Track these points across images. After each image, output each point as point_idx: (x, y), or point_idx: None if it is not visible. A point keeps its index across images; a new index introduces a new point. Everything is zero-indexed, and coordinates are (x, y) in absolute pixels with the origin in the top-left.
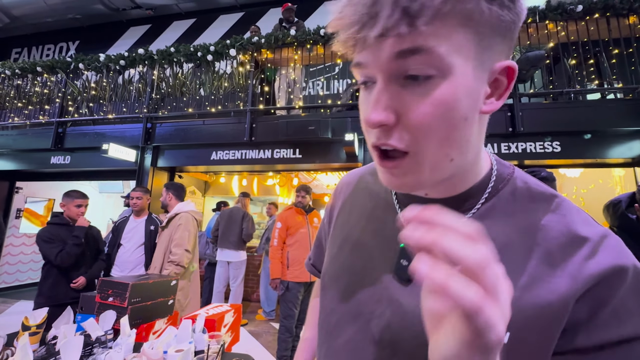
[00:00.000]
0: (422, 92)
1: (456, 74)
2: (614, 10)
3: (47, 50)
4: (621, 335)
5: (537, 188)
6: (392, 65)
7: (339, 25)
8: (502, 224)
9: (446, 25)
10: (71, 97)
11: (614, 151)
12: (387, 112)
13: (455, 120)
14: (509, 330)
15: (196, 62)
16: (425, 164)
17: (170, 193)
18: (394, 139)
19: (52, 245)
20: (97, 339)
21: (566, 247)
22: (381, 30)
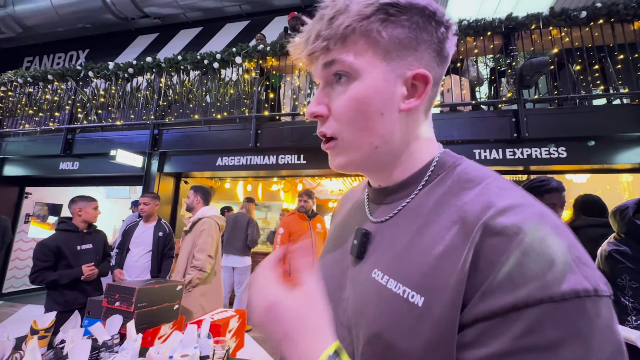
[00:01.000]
0: (342, 90)
1: (365, 77)
2: (618, 16)
3: (57, 58)
4: (516, 300)
5: (474, 172)
6: (323, 73)
7: (294, 52)
8: (432, 204)
9: (353, 44)
10: (80, 105)
11: (621, 157)
12: (320, 105)
13: (369, 114)
14: (423, 295)
15: (202, 70)
16: (352, 147)
17: (198, 196)
18: (324, 127)
19: (38, 264)
20: (104, 343)
21: (473, 213)
22: (310, 51)
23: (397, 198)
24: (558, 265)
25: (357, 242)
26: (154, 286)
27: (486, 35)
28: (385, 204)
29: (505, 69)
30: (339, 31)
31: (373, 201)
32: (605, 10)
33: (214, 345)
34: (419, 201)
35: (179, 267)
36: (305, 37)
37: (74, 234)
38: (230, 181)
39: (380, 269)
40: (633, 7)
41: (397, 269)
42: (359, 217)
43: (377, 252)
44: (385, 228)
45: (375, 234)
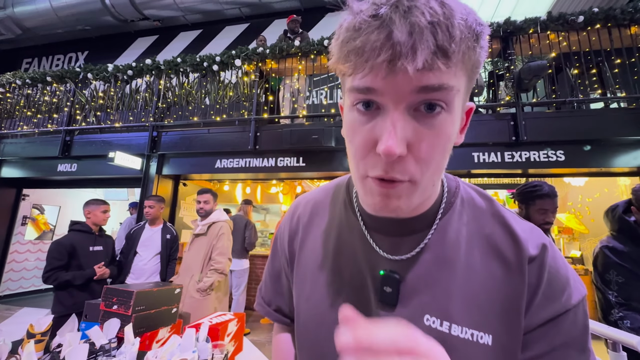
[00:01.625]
0: (432, 124)
1: (455, 111)
2: (615, 21)
3: (56, 60)
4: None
5: (477, 198)
6: (413, 97)
7: (354, 48)
8: (459, 236)
9: (454, 66)
10: (79, 106)
11: (619, 160)
12: (404, 144)
13: (447, 151)
14: (491, 333)
15: (202, 72)
16: (419, 190)
17: (215, 201)
18: (399, 172)
19: (53, 262)
20: (101, 347)
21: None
22: (422, 63)
23: (418, 230)
24: (569, 280)
25: (391, 290)
26: (152, 289)
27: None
28: (403, 236)
29: (503, 73)
30: (461, 48)
31: (382, 232)
32: (602, 15)
33: (213, 349)
34: (440, 236)
35: (193, 270)
36: (405, 36)
37: (86, 235)
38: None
39: (434, 315)
40: (630, 12)
41: (455, 312)
42: (362, 250)
43: (418, 296)
44: (414, 266)
45: (404, 275)
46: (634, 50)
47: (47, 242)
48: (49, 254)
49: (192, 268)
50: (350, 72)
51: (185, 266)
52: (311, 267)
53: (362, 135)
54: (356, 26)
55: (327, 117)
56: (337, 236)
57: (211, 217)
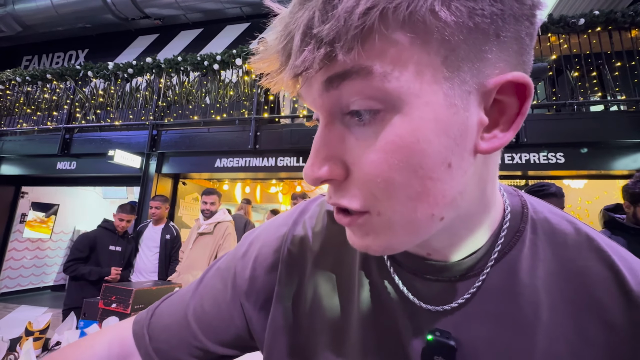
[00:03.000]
0: (370, 133)
1: (414, 104)
2: (616, 24)
3: (57, 58)
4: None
5: (556, 218)
6: (326, 99)
7: (263, 63)
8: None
9: (384, 45)
10: (79, 104)
11: (618, 163)
12: (329, 164)
13: (428, 169)
14: None
15: (202, 71)
16: (397, 226)
17: (219, 201)
18: (344, 198)
19: (75, 253)
20: None
21: (613, 297)
22: (296, 68)
23: (469, 274)
24: None
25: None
26: (151, 288)
27: None
28: (439, 281)
29: None
30: (353, 22)
31: (411, 272)
32: (603, 18)
33: None
34: (504, 277)
35: (197, 268)
36: (281, 40)
37: (110, 234)
38: (229, 183)
39: None
40: (630, 15)
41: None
42: (391, 301)
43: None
44: (466, 323)
45: (458, 337)
46: (634, 53)
47: (45, 241)
48: (74, 244)
49: (196, 266)
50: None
51: (187, 264)
52: (327, 323)
53: None
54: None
55: None
56: (360, 280)
57: (216, 217)
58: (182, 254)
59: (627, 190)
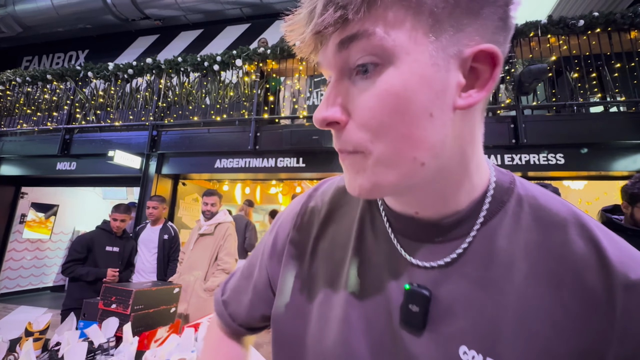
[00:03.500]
0: (369, 84)
1: (404, 60)
2: (615, 25)
3: (57, 58)
4: None
5: (544, 197)
6: (338, 59)
7: (292, 32)
8: (512, 247)
9: (384, 10)
10: (79, 105)
11: (618, 164)
12: (333, 108)
13: (413, 115)
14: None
15: (202, 72)
16: (385, 165)
17: (220, 202)
18: (342, 140)
19: (73, 254)
20: (100, 346)
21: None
22: (317, 26)
23: (452, 236)
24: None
25: (418, 310)
26: (151, 289)
27: None
28: (435, 243)
29: (504, 76)
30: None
31: (403, 234)
32: (602, 19)
33: None
34: (485, 243)
35: (200, 269)
36: (308, 8)
37: (107, 234)
38: (229, 183)
39: (474, 348)
40: (630, 17)
41: (504, 349)
42: (385, 253)
43: (454, 321)
44: (450, 280)
45: (435, 291)
46: (633, 54)
47: (45, 241)
48: (71, 246)
49: (197, 267)
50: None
51: (188, 265)
52: (327, 270)
53: None
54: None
55: None
56: (356, 238)
57: (217, 218)
58: (183, 255)
59: (626, 191)
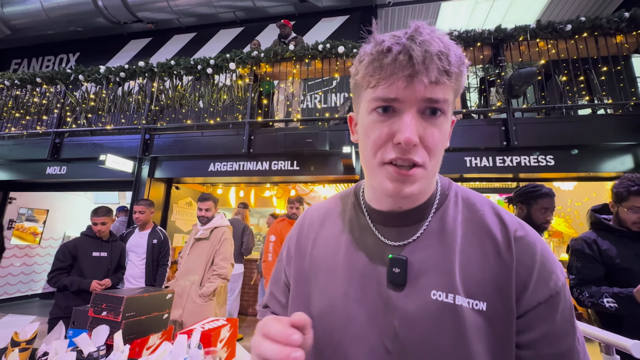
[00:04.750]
0: (435, 123)
1: (448, 117)
2: (602, 30)
3: (47, 61)
4: (550, 290)
5: (472, 196)
6: (422, 104)
7: (383, 65)
8: (455, 224)
9: (451, 84)
10: (69, 108)
11: (607, 165)
12: (416, 135)
13: (444, 147)
14: (485, 300)
15: (196, 75)
16: (429, 177)
17: (216, 207)
18: (417, 156)
19: (56, 263)
20: (90, 355)
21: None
22: (433, 78)
23: (417, 220)
24: (556, 261)
25: (399, 270)
26: (143, 295)
27: (476, 45)
28: (403, 226)
29: (494, 79)
30: (457, 70)
31: (383, 223)
32: (589, 24)
33: (205, 355)
34: (438, 222)
35: (195, 274)
36: (420, 61)
37: (92, 240)
38: (223, 187)
39: (440, 290)
40: (615, 22)
41: (457, 285)
42: (369, 241)
43: (425, 276)
44: (416, 250)
45: (410, 258)
46: (619, 58)
47: (34, 247)
48: (55, 255)
49: (193, 272)
50: (374, 84)
51: (184, 270)
52: (325, 262)
53: (380, 130)
54: (384, 50)
55: (322, 121)
56: (348, 233)
57: (213, 222)
58: (181, 259)
59: (613, 190)
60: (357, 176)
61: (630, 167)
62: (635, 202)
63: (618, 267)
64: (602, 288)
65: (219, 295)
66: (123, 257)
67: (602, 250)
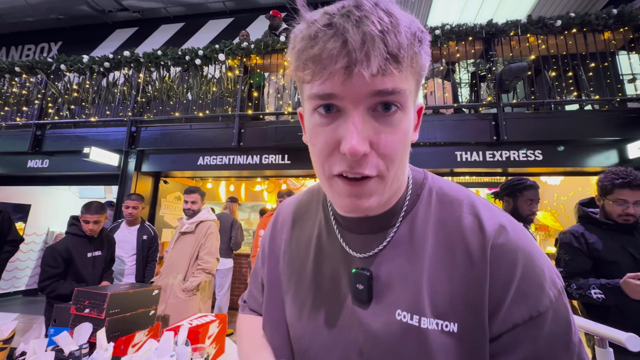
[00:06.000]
0: (390, 122)
1: (408, 110)
2: (590, 26)
3: (27, 50)
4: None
5: (450, 191)
6: (370, 99)
7: (312, 56)
8: (425, 230)
9: (405, 70)
10: (51, 99)
11: (592, 160)
12: (365, 142)
13: (407, 147)
14: (456, 321)
15: (184, 66)
16: (387, 185)
17: (203, 200)
18: (369, 168)
19: (48, 271)
20: (71, 354)
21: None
22: (376, 69)
23: (383, 227)
24: (546, 272)
25: (363, 287)
26: (128, 291)
27: (467, 40)
28: (367, 233)
29: (485, 74)
30: (408, 53)
31: (348, 229)
32: (578, 20)
33: (192, 352)
34: (407, 228)
35: (179, 269)
36: (358, 45)
37: (83, 240)
38: (212, 181)
39: (405, 309)
40: (604, 18)
41: (424, 304)
42: (335, 251)
43: (391, 292)
44: (382, 262)
45: (376, 271)
46: (606, 54)
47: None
48: (43, 260)
49: (176, 267)
50: (308, 79)
51: (168, 264)
52: (296, 266)
53: (325, 136)
54: (312, 35)
55: None
56: (317, 237)
57: (199, 216)
58: (166, 254)
59: (598, 184)
60: None
61: (615, 162)
62: (619, 194)
63: (605, 260)
64: (589, 280)
65: (203, 290)
66: (114, 251)
67: (590, 244)
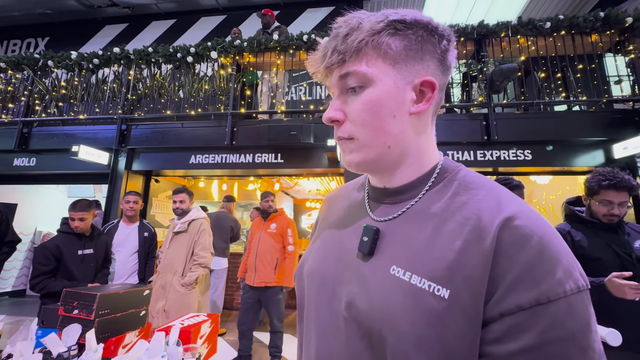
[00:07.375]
0: (358, 99)
1: (378, 83)
2: (579, 29)
3: (13, 45)
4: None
5: (475, 177)
6: (339, 83)
7: (311, 66)
8: (443, 204)
9: (366, 55)
10: (38, 96)
11: (580, 160)
12: (337, 111)
13: (382, 115)
14: (449, 288)
15: (175, 63)
16: (367, 147)
17: (191, 199)
18: (341, 131)
19: (39, 268)
20: (59, 356)
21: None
22: (327, 64)
23: (404, 198)
24: (563, 262)
25: (367, 239)
26: (118, 292)
27: (459, 40)
28: (389, 203)
29: (476, 74)
30: (353, 45)
31: (375, 200)
32: (567, 22)
33: (184, 353)
34: (427, 202)
35: (176, 267)
36: (322, 53)
37: (73, 237)
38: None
39: (400, 266)
40: (591, 21)
41: (419, 265)
42: (359, 215)
43: (392, 249)
44: (395, 226)
45: (384, 232)
46: (594, 56)
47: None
48: (34, 259)
49: (174, 265)
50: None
51: (166, 263)
52: (325, 229)
53: None
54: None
55: (306, 113)
56: (348, 207)
57: (190, 215)
58: (161, 254)
59: (585, 184)
60: (341, 169)
61: (601, 161)
62: (605, 195)
63: (590, 257)
64: None
65: (200, 283)
66: (109, 251)
67: (576, 241)
